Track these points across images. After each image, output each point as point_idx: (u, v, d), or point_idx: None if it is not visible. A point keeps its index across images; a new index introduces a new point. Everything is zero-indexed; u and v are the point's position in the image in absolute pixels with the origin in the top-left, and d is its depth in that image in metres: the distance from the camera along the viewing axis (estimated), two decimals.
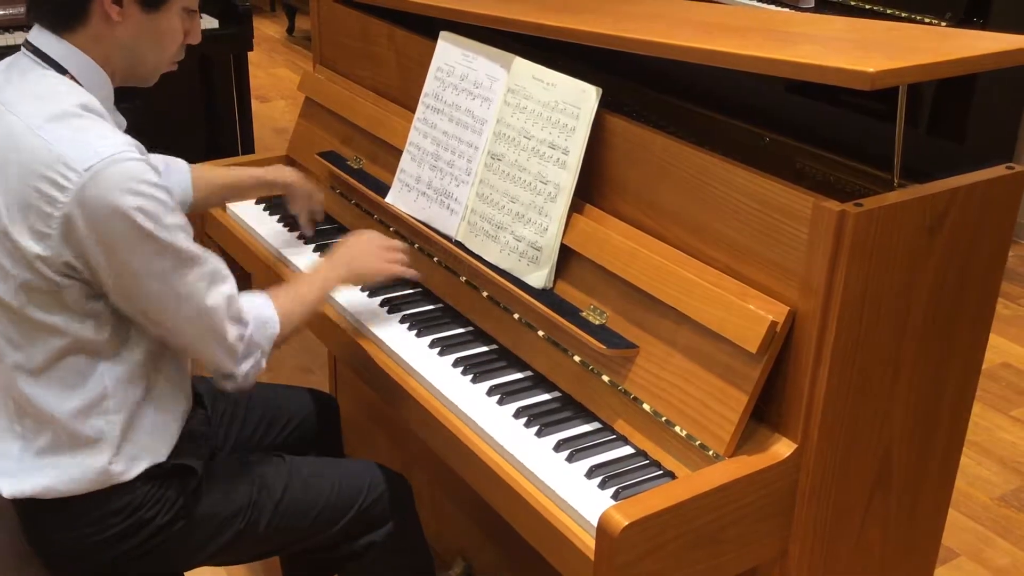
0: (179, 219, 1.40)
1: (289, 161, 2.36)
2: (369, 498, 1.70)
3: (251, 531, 1.61)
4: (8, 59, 1.48)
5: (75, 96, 1.40)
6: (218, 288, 1.46)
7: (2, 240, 1.38)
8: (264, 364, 1.57)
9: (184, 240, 1.40)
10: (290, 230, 2.13)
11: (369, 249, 1.77)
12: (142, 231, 1.34)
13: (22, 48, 1.46)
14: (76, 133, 1.35)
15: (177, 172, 1.90)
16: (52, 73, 1.42)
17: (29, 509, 1.53)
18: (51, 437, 1.47)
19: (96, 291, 1.41)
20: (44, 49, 1.43)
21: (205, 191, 1.94)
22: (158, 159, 1.80)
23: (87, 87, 1.43)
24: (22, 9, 3.28)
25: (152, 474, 1.52)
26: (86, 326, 1.42)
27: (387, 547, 1.72)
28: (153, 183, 1.36)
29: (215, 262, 1.46)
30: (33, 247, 1.35)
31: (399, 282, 1.93)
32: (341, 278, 1.73)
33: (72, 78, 1.42)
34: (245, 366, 1.53)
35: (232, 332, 1.49)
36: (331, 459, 1.79)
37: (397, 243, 1.82)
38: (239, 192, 2.05)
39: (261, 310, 1.56)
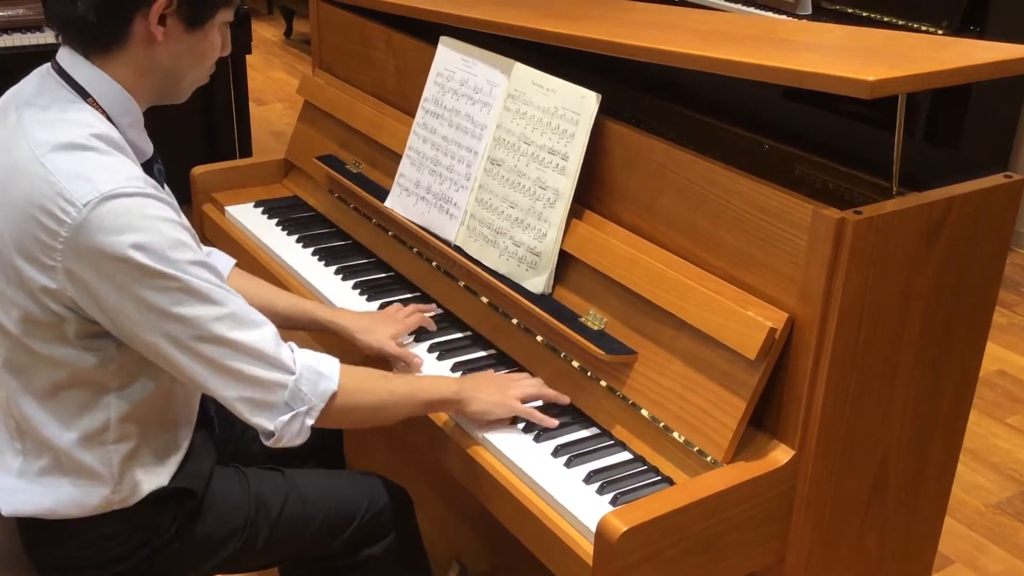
0: (190, 255, 1.30)
1: (288, 165, 2.36)
2: (369, 513, 1.66)
3: (248, 548, 1.59)
4: (40, 70, 1.42)
5: (90, 125, 1.34)
6: (245, 332, 1.35)
7: (9, 269, 1.34)
8: (310, 423, 1.41)
9: (198, 276, 1.31)
10: (288, 233, 2.13)
11: (497, 382, 1.58)
12: (142, 268, 1.27)
13: (50, 64, 1.41)
14: (78, 166, 1.29)
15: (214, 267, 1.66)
16: (73, 97, 1.36)
17: (27, 525, 1.51)
18: (51, 459, 1.44)
19: (99, 328, 1.35)
20: (70, 72, 1.37)
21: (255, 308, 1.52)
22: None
23: (110, 113, 1.37)
24: (22, 11, 3.29)
25: (151, 499, 1.49)
26: (88, 361, 1.37)
27: (387, 561, 1.69)
28: (156, 217, 1.29)
29: (242, 305, 1.36)
30: (38, 278, 1.31)
31: (396, 286, 1.94)
32: (453, 404, 1.54)
33: (94, 103, 1.36)
34: (284, 418, 1.38)
35: (268, 377, 1.36)
36: (331, 472, 1.75)
37: (524, 382, 1.60)
38: (293, 322, 1.77)
39: (318, 364, 1.42)
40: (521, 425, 1.55)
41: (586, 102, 1.61)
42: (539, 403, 1.58)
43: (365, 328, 1.73)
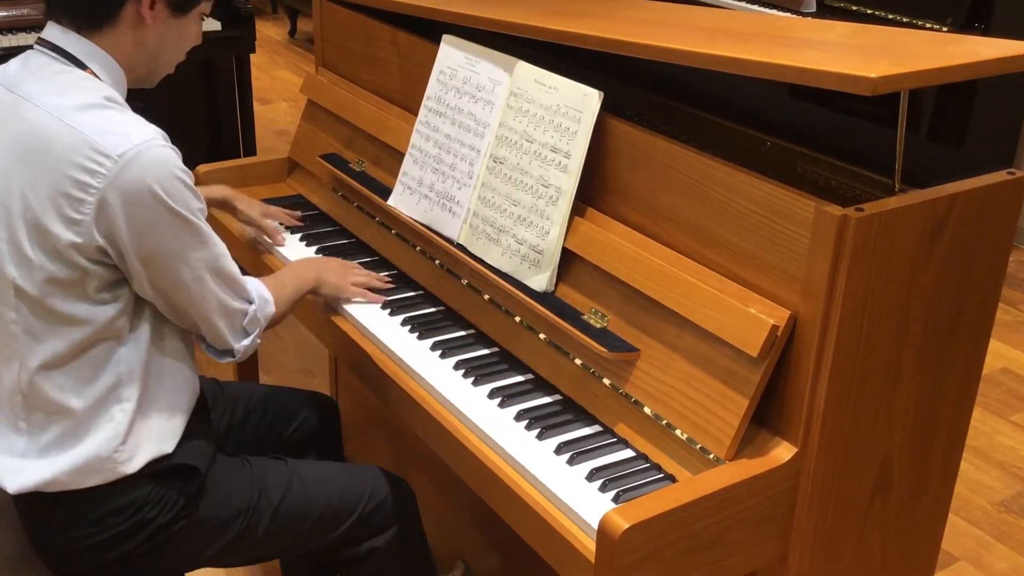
0: (201, 203, 1.47)
1: (291, 164, 2.37)
2: (370, 504, 1.69)
3: (250, 534, 1.61)
4: (19, 58, 1.51)
5: (100, 89, 1.44)
6: (228, 267, 1.53)
7: (32, 231, 1.41)
8: (259, 342, 1.63)
9: (204, 222, 1.48)
10: (291, 232, 2.13)
11: (337, 266, 1.87)
12: (173, 212, 1.41)
13: (35, 46, 1.49)
14: (106, 122, 1.39)
15: None
16: (71, 67, 1.45)
17: (31, 508, 1.53)
18: (59, 431, 1.48)
19: (116, 277, 1.45)
20: (64, 47, 1.46)
21: None
22: None
23: (106, 82, 1.47)
24: (25, 11, 3.29)
25: (155, 473, 1.53)
26: (104, 314, 1.45)
27: (388, 553, 1.72)
28: (181, 168, 1.43)
29: (221, 243, 1.53)
30: (65, 234, 1.39)
31: (401, 284, 1.94)
32: (312, 280, 1.80)
33: (92, 72, 1.46)
34: (245, 341, 1.59)
35: (238, 307, 1.56)
36: (334, 463, 1.78)
37: (364, 270, 1.91)
38: None
39: (261, 290, 1.63)
40: (523, 423, 1.55)
41: (588, 100, 1.61)
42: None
43: (243, 198, 2.07)
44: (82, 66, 1.46)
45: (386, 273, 1.97)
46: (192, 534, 1.57)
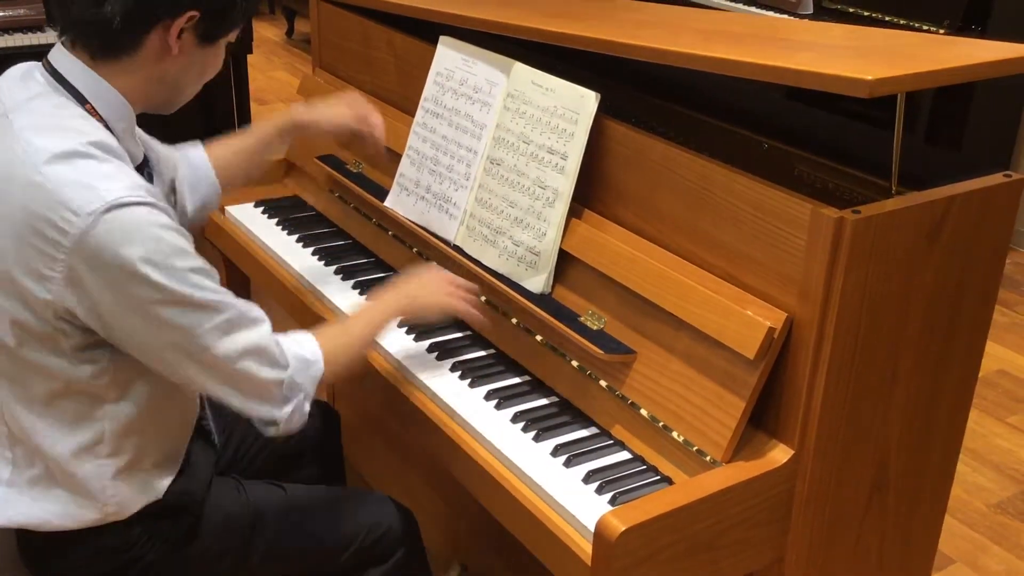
0: (192, 262, 1.30)
1: (288, 165, 2.37)
2: (372, 535, 1.63)
3: (243, 566, 1.57)
4: (23, 70, 1.40)
5: (88, 133, 1.31)
6: (244, 334, 1.36)
7: (2, 279, 1.31)
8: (307, 407, 1.47)
9: (199, 286, 1.30)
10: (288, 233, 2.13)
11: (435, 282, 1.66)
12: (149, 281, 1.26)
13: (41, 65, 1.38)
14: (80, 175, 1.26)
15: (201, 170, 1.80)
16: (69, 103, 1.34)
17: (25, 536, 1.50)
18: (43, 469, 1.42)
19: (95, 339, 1.34)
20: (66, 76, 1.35)
21: (229, 167, 1.84)
22: (174, 154, 1.74)
23: (107, 120, 1.36)
24: (22, 11, 3.29)
25: (145, 513, 1.47)
26: (83, 372, 1.36)
27: None
28: (159, 225, 1.27)
29: (240, 307, 1.37)
30: (35, 290, 1.28)
31: None
32: (402, 310, 1.62)
33: (92, 109, 1.35)
34: (287, 409, 1.43)
35: (268, 376, 1.40)
36: (335, 491, 1.72)
37: (465, 282, 1.69)
38: (263, 147, 1.89)
39: (303, 350, 1.46)
40: (520, 424, 1.55)
41: (585, 101, 1.61)
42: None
43: (321, 109, 1.87)
44: (81, 99, 1.34)
45: (386, 274, 1.97)
46: (183, 569, 1.52)
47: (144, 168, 1.47)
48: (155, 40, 1.34)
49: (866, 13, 3.71)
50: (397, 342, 1.76)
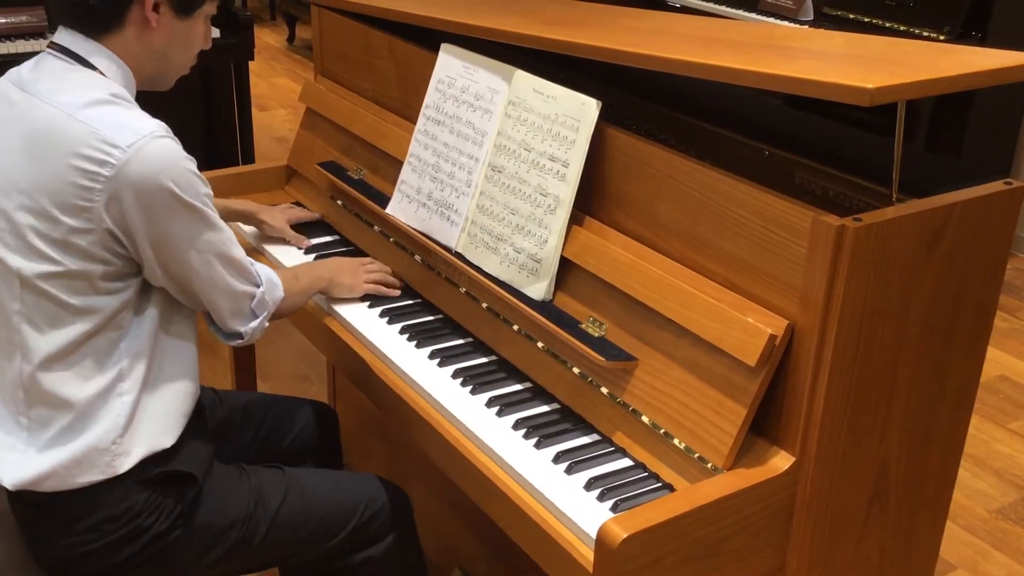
0: (208, 189, 1.52)
1: (290, 171, 2.37)
2: (367, 513, 1.70)
3: (247, 543, 1.61)
4: (31, 61, 1.55)
5: (107, 87, 1.48)
6: (234, 251, 1.57)
7: (40, 222, 1.43)
8: (266, 325, 1.66)
9: (211, 209, 1.52)
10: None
11: (350, 266, 1.91)
12: (180, 200, 1.45)
13: (46, 50, 1.53)
14: (114, 116, 1.44)
15: None
16: (82, 68, 1.49)
17: (27, 512, 1.53)
18: (60, 426, 1.49)
19: (122, 267, 1.48)
20: (72, 48, 1.50)
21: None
22: None
23: (116, 80, 1.51)
24: (24, 18, 3.29)
25: (151, 479, 1.53)
26: (110, 303, 1.48)
27: (385, 562, 1.72)
28: (187, 157, 1.47)
29: (228, 229, 1.56)
30: (72, 222, 1.42)
31: (399, 293, 1.94)
32: (326, 279, 1.85)
33: (100, 72, 1.50)
34: (253, 323, 1.63)
35: (245, 290, 1.60)
36: (331, 472, 1.79)
37: (377, 263, 1.95)
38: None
39: (270, 274, 1.67)
40: (521, 432, 1.55)
41: (586, 109, 1.61)
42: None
43: (266, 210, 2.14)
44: (90, 66, 1.50)
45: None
46: (188, 543, 1.56)
47: None
48: (136, 15, 1.51)
49: (867, 19, 3.72)
50: (398, 348, 1.76)
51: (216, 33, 3.44)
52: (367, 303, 1.90)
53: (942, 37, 3.49)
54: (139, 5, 1.50)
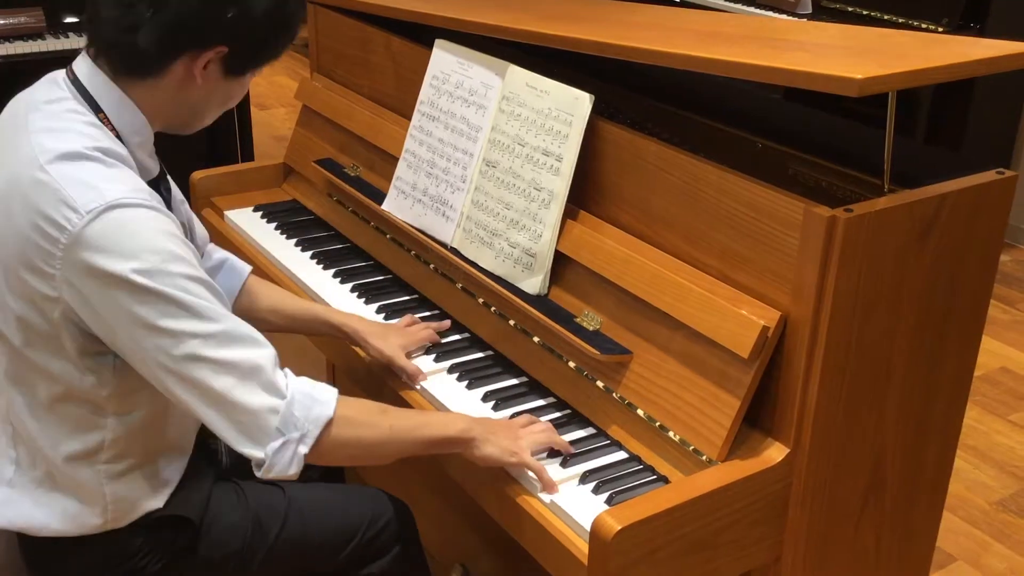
0: (187, 270, 1.28)
1: (287, 169, 2.37)
2: (370, 532, 1.63)
3: (245, 570, 1.57)
4: (54, 75, 1.41)
5: (97, 139, 1.32)
6: (240, 350, 1.29)
7: (9, 276, 1.33)
8: (303, 452, 1.32)
9: (191, 292, 1.27)
10: (287, 237, 2.14)
11: (507, 429, 1.49)
12: (135, 285, 1.25)
13: (65, 72, 1.40)
14: (82, 174, 1.28)
15: (230, 274, 1.74)
16: (84, 109, 1.35)
17: (28, 542, 1.50)
18: (45, 472, 1.43)
19: (97, 345, 1.33)
20: (86, 84, 1.37)
21: (267, 311, 1.73)
22: (221, 254, 1.74)
23: (120, 132, 1.37)
24: (23, 19, 3.30)
25: (147, 524, 1.47)
26: (87, 381, 1.36)
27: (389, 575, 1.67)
28: (158, 230, 1.28)
29: (242, 326, 1.32)
30: (38, 286, 1.29)
31: (395, 289, 1.94)
32: (462, 431, 1.45)
33: (105, 119, 1.36)
34: (274, 445, 1.30)
35: (260, 403, 1.29)
36: (333, 486, 1.72)
37: (541, 423, 1.53)
38: (304, 325, 1.78)
39: (313, 389, 1.35)
40: None
41: (579, 103, 1.62)
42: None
43: (377, 333, 1.70)
44: (97, 108, 1.35)
45: (384, 277, 1.98)
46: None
47: (160, 183, 1.47)
48: (180, 68, 1.35)
49: (865, 12, 3.71)
50: None
51: None
52: (362, 300, 1.91)
53: (940, 29, 3.48)
54: (189, 60, 1.34)
